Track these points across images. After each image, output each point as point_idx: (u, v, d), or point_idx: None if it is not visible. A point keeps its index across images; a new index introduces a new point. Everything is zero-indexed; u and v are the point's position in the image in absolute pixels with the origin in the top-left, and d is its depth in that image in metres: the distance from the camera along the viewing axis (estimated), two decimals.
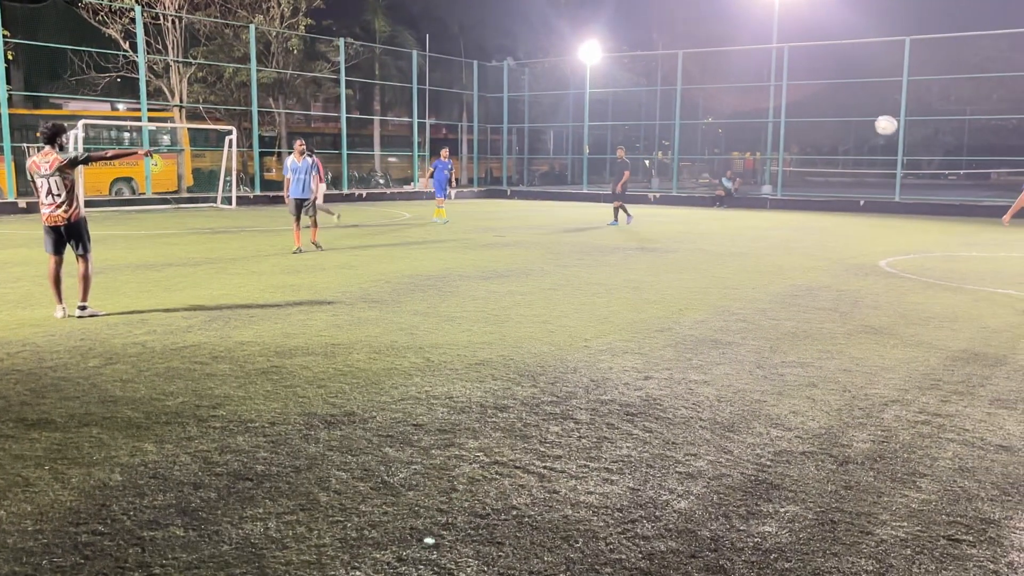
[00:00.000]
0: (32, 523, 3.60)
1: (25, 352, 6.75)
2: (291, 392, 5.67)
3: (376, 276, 11.29)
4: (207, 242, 15.97)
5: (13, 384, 5.79)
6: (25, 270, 11.49)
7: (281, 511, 3.75)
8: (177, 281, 10.72)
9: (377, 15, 39.65)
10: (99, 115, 28.55)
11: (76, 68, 27.70)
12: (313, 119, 40.78)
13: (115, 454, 4.45)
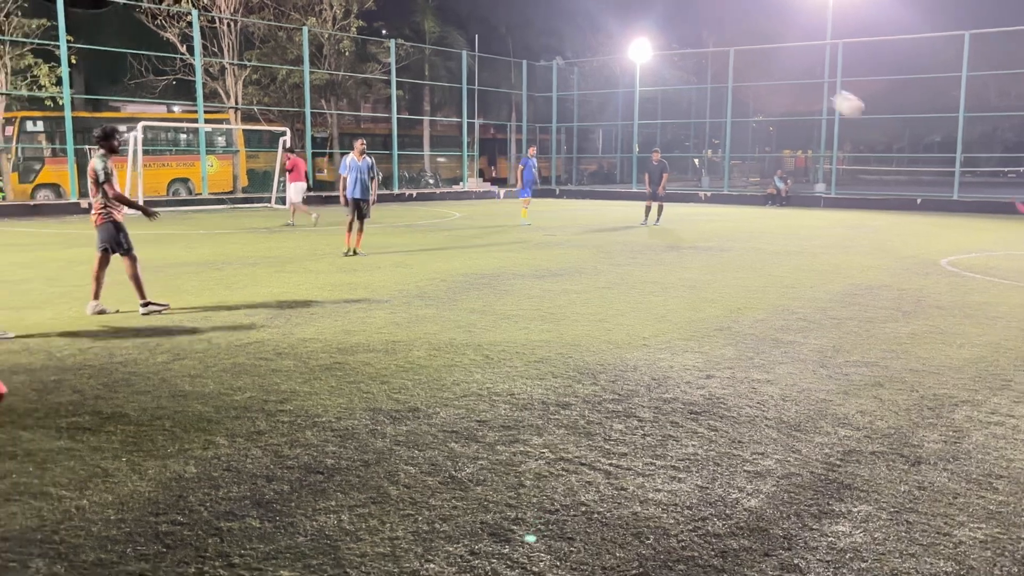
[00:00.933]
0: (114, 512, 3.70)
1: (96, 348, 6.94)
2: (355, 388, 5.74)
3: (431, 275, 11.37)
4: (263, 241, 16.24)
5: (87, 378, 5.96)
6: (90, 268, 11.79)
7: (353, 504, 3.81)
8: (237, 279, 10.92)
9: (427, 16, 39.91)
10: (156, 117, 29.21)
11: (135, 72, 28.35)
12: (363, 120, 41.20)
13: (188, 447, 4.55)
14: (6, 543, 3.39)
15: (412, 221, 21.65)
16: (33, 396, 5.49)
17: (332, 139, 35.41)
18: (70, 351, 6.79)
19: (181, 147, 28.84)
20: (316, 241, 16.27)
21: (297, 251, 14.37)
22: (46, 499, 3.84)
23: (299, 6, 31.88)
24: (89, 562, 3.24)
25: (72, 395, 5.53)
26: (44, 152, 26.04)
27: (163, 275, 11.04)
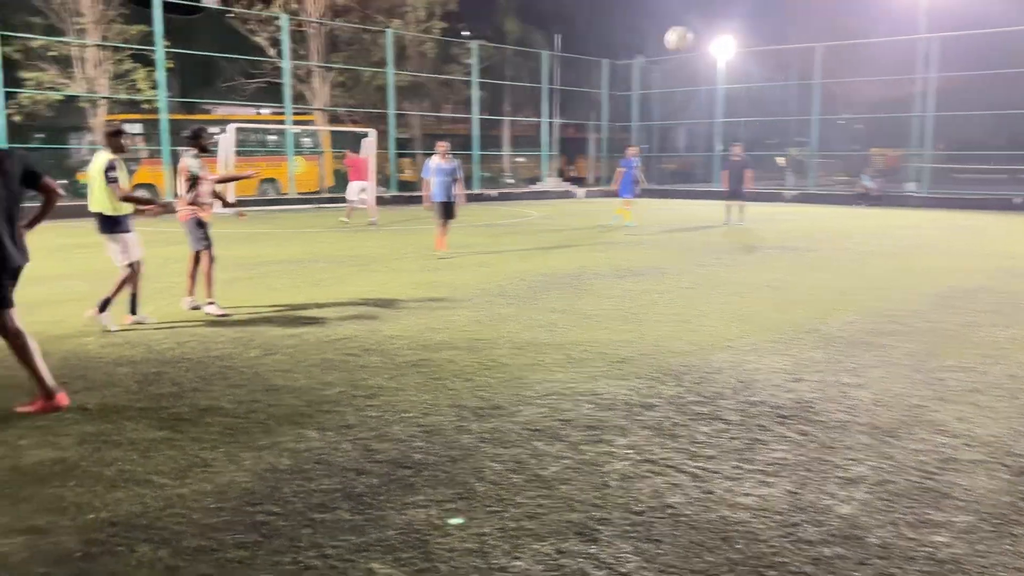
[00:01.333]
0: (213, 501, 3.84)
1: (193, 342, 7.20)
2: (440, 384, 5.82)
3: (511, 274, 11.43)
4: (348, 240, 16.57)
5: (185, 371, 6.19)
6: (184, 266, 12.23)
7: (441, 499, 3.86)
8: (324, 277, 11.18)
9: (508, 17, 40.08)
10: (245, 119, 30.06)
11: (227, 75, 29.25)
12: (444, 120, 41.63)
13: (281, 439, 4.69)
14: (114, 527, 3.55)
15: (492, 221, 21.79)
16: (135, 387, 5.73)
17: (414, 140, 35.88)
18: (168, 345, 7.07)
19: (269, 148, 29.62)
20: (399, 241, 16.53)
21: (381, 250, 14.62)
22: (149, 486, 4.01)
23: (384, 8, 32.41)
24: (191, 548, 3.37)
25: (171, 387, 5.76)
26: (141, 153, 27.09)
27: (254, 272, 11.37)
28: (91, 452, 4.46)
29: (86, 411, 5.20)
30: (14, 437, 4.69)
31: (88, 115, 26.28)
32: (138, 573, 3.17)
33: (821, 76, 32.32)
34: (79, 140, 30.16)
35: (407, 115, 34.87)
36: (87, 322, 7.75)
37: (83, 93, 25.28)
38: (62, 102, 26.06)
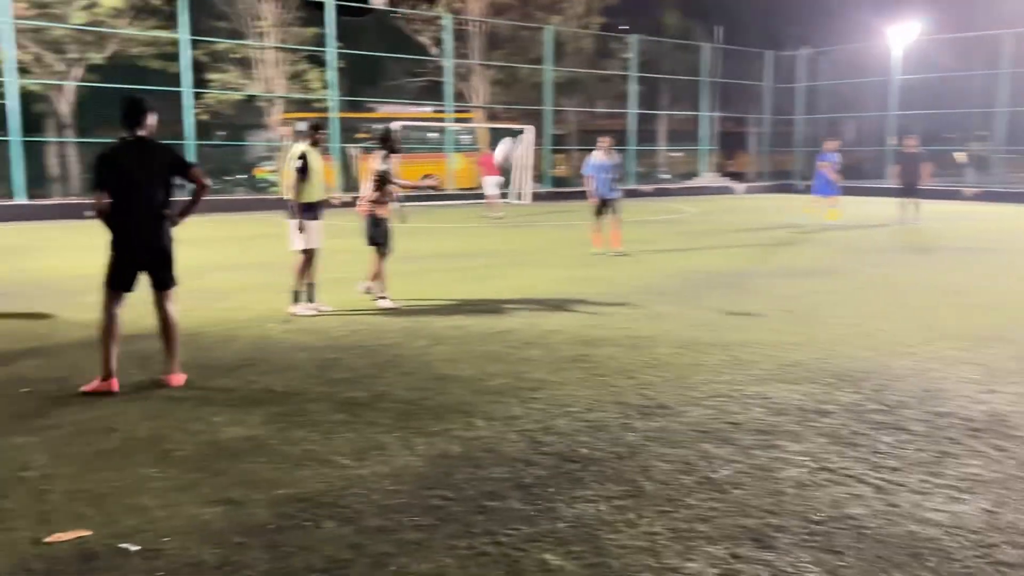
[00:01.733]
0: (390, 483, 3.99)
1: (365, 330, 7.52)
2: (602, 381, 5.81)
3: (670, 271, 11.26)
4: (505, 235, 16.82)
5: (359, 358, 6.47)
6: (354, 257, 12.79)
7: (610, 495, 3.85)
8: (483, 271, 11.40)
9: (669, 10, 39.48)
10: (408, 117, 31.06)
11: (391, 74, 30.31)
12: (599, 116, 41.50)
13: (451, 427, 4.81)
14: (302, 503, 3.76)
15: (647, 217, 21.53)
16: (315, 372, 6.04)
17: (570, 136, 35.98)
18: (343, 332, 7.41)
19: (430, 145, 30.46)
20: (555, 236, 16.62)
21: (537, 245, 14.77)
22: (331, 466, 4.21)
23: (543, 5, 32.65)
24: (372, 528, 3.52)
25: (347, 372, 6.03)
26: None
27: (418, 266, 11.73)
28: (278, 431, 4.73)
29: (272, 392, 5.53)
30: (209, 414, 5.04)
31: (265, 114, 27.88)
32: (325, 547, 3.33)
33: (1011, 65, 29.95)
34: (256, 137, 32.14)
35: (563, 111, 34.99)
36: (285, 315, 8.19)
37: (262, 93, 26.85)
38: (242, 101, 27.79)
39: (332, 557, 3.25)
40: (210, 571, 3.14)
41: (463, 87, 31.03)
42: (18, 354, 6.56)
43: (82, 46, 23.86)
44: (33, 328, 7.53)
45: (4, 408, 5.16)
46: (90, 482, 3.99)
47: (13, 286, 9.92)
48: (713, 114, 36.30)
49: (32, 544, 3.35)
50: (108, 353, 5.53)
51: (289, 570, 3.15)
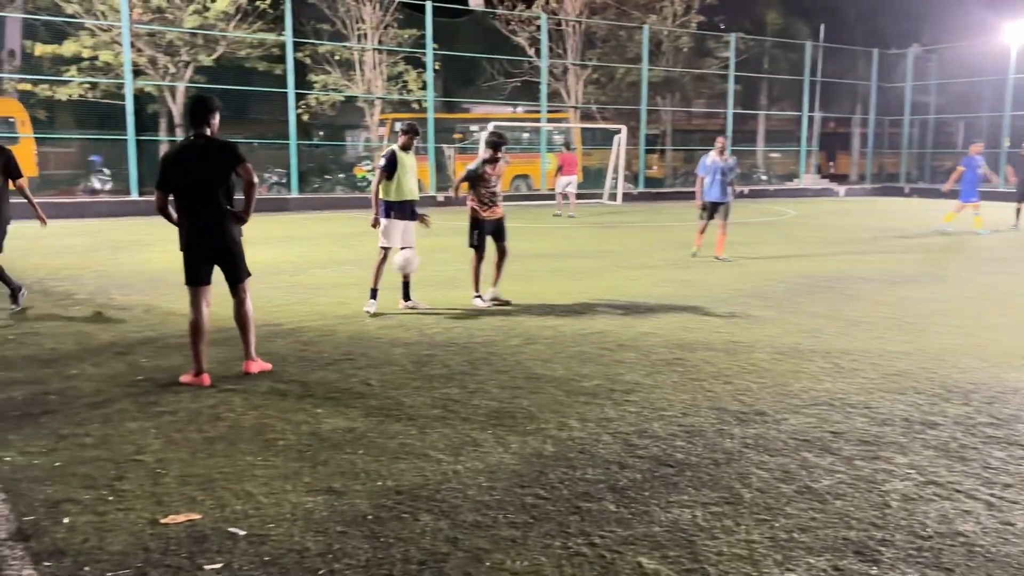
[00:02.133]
0: (485, 480, 4.04)
1: (459, 328, 7.61)
2: (698, 385, 5.73)
3: (768, 275, 11.02)
4: (598, 236, 16.76)
5: (453, 355, 6.56)
6: (449, 256, 12.97)
7: (706, 501, 3.80)
8: (576, 271, 11.38)
9: (770, 8, 38.59)
10: (503, 117, 31.26)
11: (487, 75, 30.57)
12: (696, 116, 40.91)
13: (544, 427, 4.84)
14: (399, 495, 3.84)
15: (744, 219, 21.10)
16: (411, 368, 6.16)
17: (665, 136, 35.57)
18: (438, 329, 7.52)
19: (523, 145, 30.58)
20: (649, 237, 16.47)
21: (630, 246, 14.66)
22: (427, 460, 4.29)
23: (640, 4, 32.38)
24: (468, 523, 3.57)
25: (442, 369, 6.12)
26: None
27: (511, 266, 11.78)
28: (376, 424, 4.85)
29: (370, 386, 5.66)
30: (311, 406, 5.20)
31: (364, 114, 28.50)
32: (422, 540, 3.40)
33: None
34: (355, 137, 32.90)
35: (658, 110, 34.63)
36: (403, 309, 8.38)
37: (362, 94, 27.46)
38: (342, 102, 28.49)
39: (430, 550, 3.31)
40: (313, 558, 3.24)
41: (558, 87, 31.05)
42: (133, 344, 6.90)
43: (193, 49, 24.89)
44: (147, 320, 7.91)
45: (121, 395, 5.44)
46: (200, 467, 4.17)
47: (128, 279, 10.43)
48: (815, 114, 35.32)
49: (149, 525, 3.52)
50: (196, 349, 5.71)
51: (389, 561, 3.23)
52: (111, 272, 10.98)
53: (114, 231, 16.79)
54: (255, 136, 30.09)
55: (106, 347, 6.77)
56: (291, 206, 23.13)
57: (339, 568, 3.17)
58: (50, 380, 5.76)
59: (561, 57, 30.61)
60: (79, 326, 7.57)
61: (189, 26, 24.35)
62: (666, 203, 28.37)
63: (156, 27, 24.40)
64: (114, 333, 7.28)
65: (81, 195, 23.31)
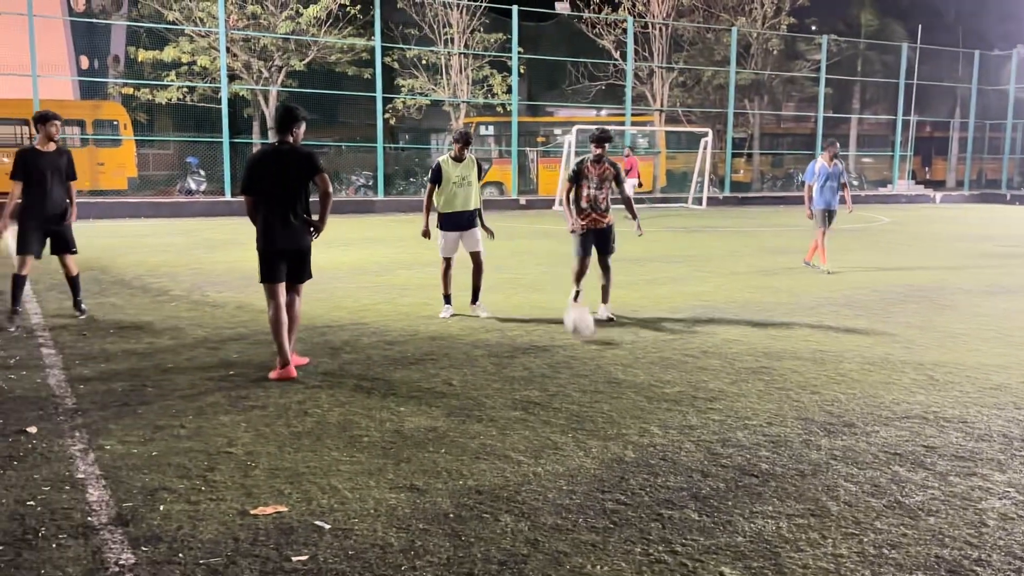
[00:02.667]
0: (565, 483, 4.04)
1: (539, 331, 7.63)
2: (784, 395, 5.61)
3: (858, 283, 10.71)
4: (682, 240, 16.56)
5: (533, 357, 6.58)
6: (531, 259, 13.02)
7: (791, 513, 3.72)
8: (659, 276, 11.27)
9: (864, 8, 37.49)
10: (587, 121, 31.18)
11: (572, 78, 30.55)
12: (784, 119, 40.03)
13: (625, 432, 4.80)
14: (480, 495, 3.87)
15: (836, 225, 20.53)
16: (492, 369, 6.20)
17: (752, 139, 34.91)
18: (518, 332, 7.55)
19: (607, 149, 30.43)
20: (734, 242, 16.19)
21: (715, 251, 14.44)
22: (508, 462, 4.31)
23: (729, 7, 31.88)
24: (548, 525, 3.57)
25: (523, 371, 6.15)
26: (492, 154, 29.23)
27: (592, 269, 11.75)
28: (457, 424, 4.90)
29: (451, 386, 5.72)
30: (394, 404, 5.29)
31: (449, 118, 28.83)
32: (502, 540, 3.42)
33: None
34: (440, 141, 33.31)
35: (745, 114, 34.02)
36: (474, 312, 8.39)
37: (447, 98, 27.79)
38: (428, 106, 28.88)
39: (510, 551, 3.33)
40: (395, 554, 3.30)
41: (643, 90, 30.82)
42: (226, 339, 7.14)
43: (285, 53, 25.60)
44: (239, 316, 8.17)
45: (214, 388, 5.63)
46: (288, 461, 4.29)
47: (222, 276, 10.80)
48: (910, 118, 34.14)
49: (239, 515, 3.64)
50: (279, 341, 5.91)
51: (469, 560, 3.26)
52: (206, 270, 11.39)
53: (209, 230, 17.40)
54: (343, 139, 30.80)
55: (200, 342, 7.02)
56: (377, 208, 23.56)
57: (421, 565, 3.21)
58: (147, 373, 6.00)
59: (647, 60, 30.37)
60: (175, 322, 7.87)
61: (282, 32, 25.06)
62: (752, 208, 27.85)
63: (251, 32, 25.18)
64: (208, 329, 7.54)
65: (178, 195, 24.21)
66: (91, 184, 22.78)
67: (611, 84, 29.89)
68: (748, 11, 31.88)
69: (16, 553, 3.27)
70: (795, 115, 37.96)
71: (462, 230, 8.15)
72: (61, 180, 7.69)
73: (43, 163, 7.57)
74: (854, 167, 37.08)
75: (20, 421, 4.88)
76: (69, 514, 3.62)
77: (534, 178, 28.97)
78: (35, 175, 7.52)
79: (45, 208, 7.61)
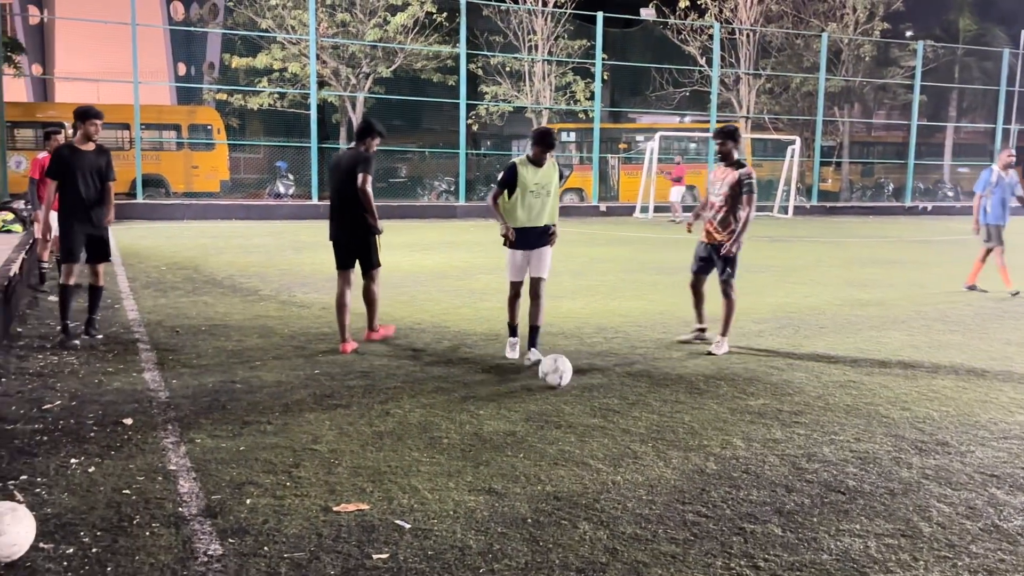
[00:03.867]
0: (644, 493, 4.00)
1: (618, 339, 7.57)
2: (873, 410, 5.44)
3: (952, 297, 10.31)
4: (766, 249, 16.21)
5: (613, 365, 6.53)
6: (611, 266, 12.94)
7: (880, 532, 3.60)
8: (742, 285, 10.97)
9: (963, 14, 36.13)
10: (670, 127, 30.87)
11: (656, 85, 30.30)
12: (875, 127, 38.89)
13: (707, 443, 4.73)
14: (558, 501, 3.86)
15: (930, 236, 19.84)
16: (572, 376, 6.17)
17: (841, 148, 34.00)
18: (597, 339, 7.51)
19: (690, 156, 30.10)
20: (821, 253, 15.78)
21: (801, 261, 14.10)
22: (586, 469, 4.29)
23: (819, 12, 31.15)
24: (627, 534, 3.54)
25: (601, 379, 6.11)
26: (573, 160, 29.20)
27: (672, 278, 11.63)
28: (536, 429, 4.90)
29: (530, 391, 5.73)
30: (474, 407, 5.32)
31: (531, 124, 28.93)
32: (581, 548, 3.40)
33: None
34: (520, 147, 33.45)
35: (835, 121, 33.17)
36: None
37: (530, 104, 27.89)
38: (510, 112, 29.04)
39: (588, 558, 3.31)
40: (474, 556, 3.31)
41: (729, 96, 30.36)
42: (312, 339, 7.30)
43: (373, 60, 26.11)
44: (324, 317, 8.34)
45: (299, 386, 5.76)
46: (370, 460, 4.35)
47: (309, 277, 11.05)
48: (1011, 126, 32.73)
49: (322, 511, 3.71)
50: (341, 320, 6.91)
51: (547, 565, 3.25)
52: (293, 271, 11.68)
53: (296, 233, 17.85)
54: (426, 145, 31.21)
55: (287, 341, 7.20)
56: (458, 213, 23.79)
57: (499, 568, 3.22)
58: (236, 370, 6.18)
59: (733, 66, 29.91)
60: (263, 320, 8.09)
61: (370, 39, 25.57)
62: (841, 218, 27.12)
63: (340, 40, 25.77)
64: (294, 328, 7.73)
65: (267, 198, 24.91)
66: (185, 186, 23.67)
67: (695, 90, 29.54)
68: (839, 16, 31.09)
69: (113, 539, 3.40)
70: (885, 123, 36.84)
71: (530, 248, 6.71)
72: (99, 181, 7.03)
73: (81, 162, 6.93)
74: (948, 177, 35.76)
75: (117, 413, 5.08)
76: (161, 504, 3.75)
77: (615, 185, 28.81)
78: (73, 175, 6.91)
79: (84, 210, 6.96)
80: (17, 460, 4.26)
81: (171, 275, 11.03)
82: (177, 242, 15.41)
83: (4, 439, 4.57)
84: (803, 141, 28.14)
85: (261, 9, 25.65)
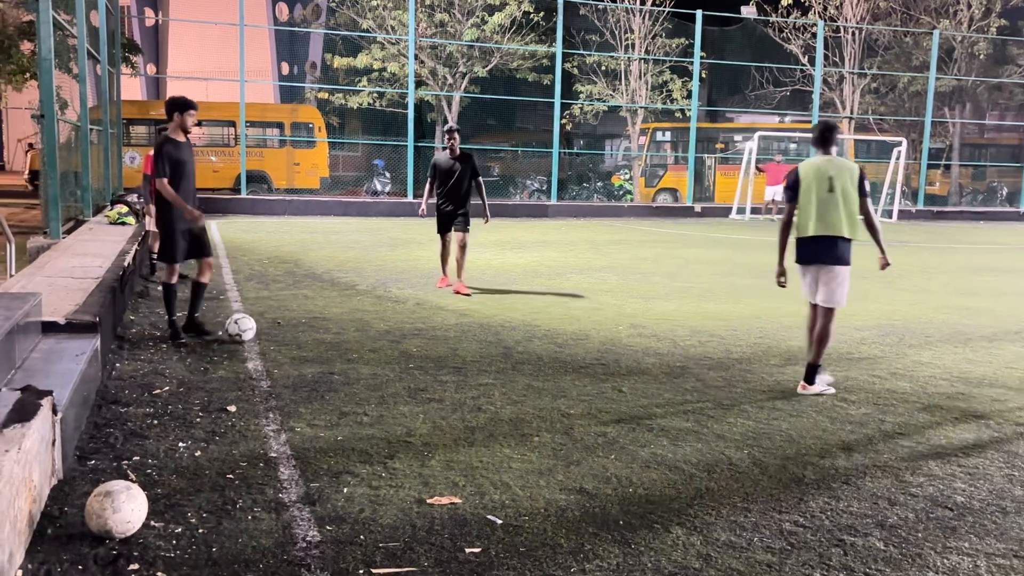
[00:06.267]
0: (740, 500, 3.92)
1: (713, 342, 7.44)
2: (983, 424, 5.22)
3: None
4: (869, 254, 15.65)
5: (707, 369, 6.43)
6: (705, 268, 12.73)
7: (991, 552, 3.44)
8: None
9: None
10: (769, 127, 30.15)
11: (755, 84, 29.63)
12: (987, 128, 37.08)
13: (805, 453, 4.60)
14: (650, 505, 3.82)
15: None
16: (663, 378, 6.11)
17: (951, 150, 32.56)
18: (691, 342, 7.40)
19: (789, 157, 29.33)
20: (927, 259, 15.15)
21: (906, 267, 13.54)
22: (679, 473, 4.23)
23: (931, 9, 29.90)
24: (721, 541, 3.48)
25: (695, 383, 6.02)
26: (668, 160, 28.84)
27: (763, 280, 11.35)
28: (627, 431, 4.86)
29: (621, 393, 5.69)
30: (565, 407, 5.31)
31: (625, 124, 28.69)
32: (673, 552, 3.36)
33: None
34: (614, 147, 33.24)
35: (945, 122, 31.79)
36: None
37: (625, 103, 27.67)
38: (604, 111, 28.86)
39: (681, 563, 3.27)
40: (565, 555, 3.31)
41: (832, 96, 29.46)
42: (406, 334, 7.43)
43: (469, 60, 26.36)
44: (419, 312, 8.48)
45: (394, 379, 5.87)
46: (462, 454, 4.40)
47: (403, 274, 11.25)
48: None
49: (416, 503, 3.77)
50: (444, 263, 10.05)
51: (639, 568, 3.22)
52: (389, 267, 11.90)
53: (392, 230, 18.18)
54: (520, 144, 31.33)
55: (382, 335, 7.34)
56: (550, 212, 23.79)
57: (590, 568, 3.21)
58: (334, 362, 6.34)
59: (837, 65, 29.01)
60: (360, 314, 8.27)
61: (468, 39, 25.82)
62: (948, 223, 26.00)
63: (438, 40, 26.12)
64: (390, 323, 7.88)
65: (364, 196, 25.44)
66: (287, 183, 24.38)
67: (797, 90, 28.76)
68: (953, 13, 29.77)
69: (218, 521, 3.53)
70: (999, 124, 35.10)
71: (819, 264, 5.77)
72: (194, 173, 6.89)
73: (185, 154, 6.75)
74: None
75: (222, 400, 5.28)
76: (263, 489, 3.88)
77: (710, 185, 28.32)
78: (181, 168, 6.69)
79: (189, 204, 6.73)
80: (130, 441, 4.47)
81: (272, 268, 11.39)
82: (278, 237, 15.89)
83: (119, 421, 4.80)
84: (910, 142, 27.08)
85: (362, 10, 26.20)
